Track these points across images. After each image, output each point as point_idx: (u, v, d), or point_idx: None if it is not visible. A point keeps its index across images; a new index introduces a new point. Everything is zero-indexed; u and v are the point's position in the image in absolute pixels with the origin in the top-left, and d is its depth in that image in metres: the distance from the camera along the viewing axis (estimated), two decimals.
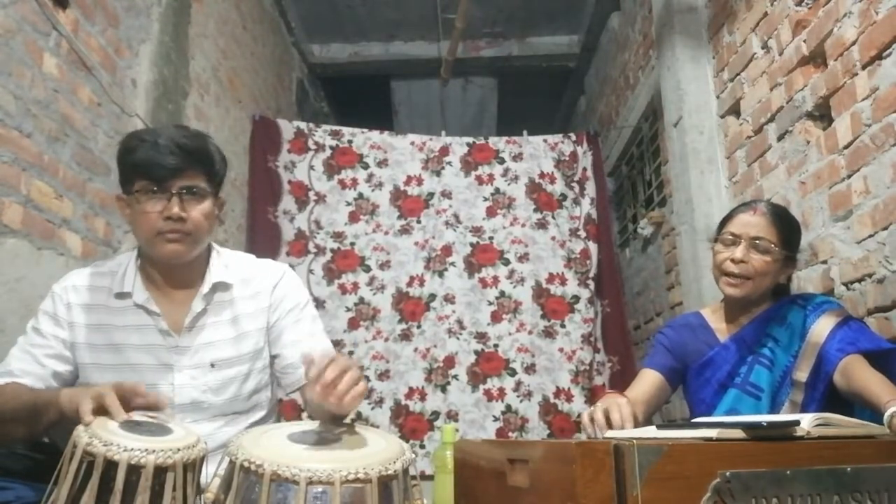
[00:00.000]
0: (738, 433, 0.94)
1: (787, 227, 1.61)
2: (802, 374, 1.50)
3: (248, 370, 1.41)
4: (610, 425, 1.35)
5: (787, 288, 1.73)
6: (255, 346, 1.42)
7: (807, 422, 0.99)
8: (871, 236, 1.81)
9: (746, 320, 1.63)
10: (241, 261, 1.50)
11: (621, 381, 3.49)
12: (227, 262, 1.46)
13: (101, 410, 1.05)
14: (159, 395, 1.14)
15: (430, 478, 1.55)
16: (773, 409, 1.53)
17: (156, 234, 1.31)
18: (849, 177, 1.90)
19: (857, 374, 1.37)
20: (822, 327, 1.50)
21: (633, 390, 1.63)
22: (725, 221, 1.66)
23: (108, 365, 1.35)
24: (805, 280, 2.16)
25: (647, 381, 1.65)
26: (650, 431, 1.05)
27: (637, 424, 1.45)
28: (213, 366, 1.38)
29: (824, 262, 2.05)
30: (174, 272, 1.39)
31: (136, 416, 1.06)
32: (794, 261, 1.64)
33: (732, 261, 1.57)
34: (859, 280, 1.87)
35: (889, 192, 1.72)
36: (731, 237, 1.60)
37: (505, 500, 1.03)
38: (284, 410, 3.15)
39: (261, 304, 1.44)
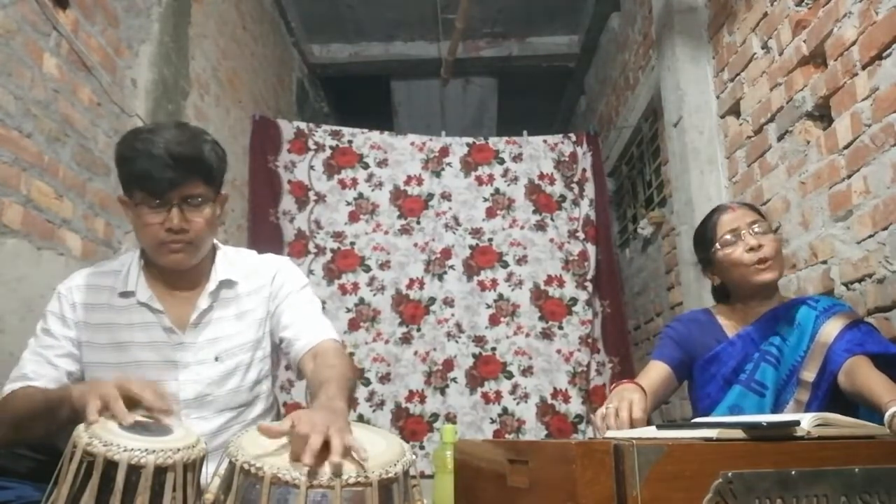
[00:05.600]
0: (739, 433, 0.94)
1: (757, 208, 1.71)
2: (809, 374, 1.50)
3: (250, 359, 1.42)
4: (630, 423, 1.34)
5: None
6: (255, 336, 1.44)
7: (807, 422, 0.99)
8: (871, 236, 1.81)
9: (754, 317, 1.63)
10: (245, 257, 1.52)
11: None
12: (233, 260, 1.48)
13: (106, 411, 1.05)
14: (167, 395, 1.13)
15: (431, 477, 1.55)
16: (777, 407, 1.53)
17: (158, 245, 1.32)
18: (849, 177, 1.90)
19: (861, 374, 1.37)
20: (831, 328, 1.50)
21: (641, 381, 1.63)
22: (714, 228, 1.66)
23: (112, 363, 1.35)
24: (805, 280, 2.16)
25: (655, 372, 1.65)
26: (650, 431, 1.05)
27: (647, 415, 1.45)
28: (216, 359, 1.39)
29: (824, 262, 2.05)
30: (179, 275, 1.40)
31: (138, 416, 1.06)
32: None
33: (752, 249, 1.57)
34: (859, 280, 1.87)
35: (889, 192, 1.72)
36: (731, 234, 1.61)
37: (505, 500, 1.03)
38: (288, 412, 3.16)
39: (262, 295, 1.46)
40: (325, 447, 0.96)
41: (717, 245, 1.64)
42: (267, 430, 0.98)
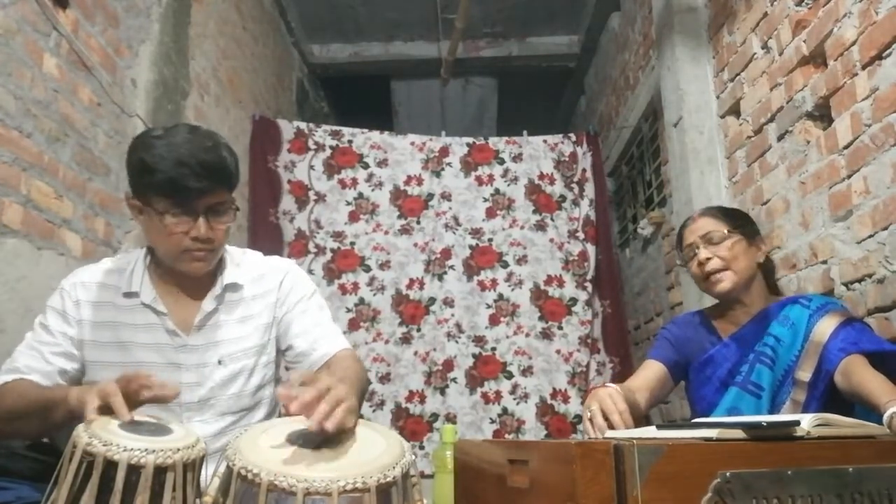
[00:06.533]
0: (739, 433, 0.94)
1: (726, 213, 1.71)
2: (805, 374, 1.50)
3: (254, 364, 1.42)
4: (611, 425, 1.35)
5: (775, 283, 1.75)
6: (260, 341, 1.43)
7: (807, 422, 0.99)
8: (871, 236, 1.81)
9: (746, 318, 1.63)
10: (251, 259, 1.50)
11: (622, 382, 3.49)
12: (239, 262, 1.47)
13: (107, 409, 1.05)
14: (168, 385, 1.11)
15: (431, 477, 1.55)
16: (774, 407, 1.53)
17: (181, 252, 1.31)
18: (849, 177, 1.90)
19: (858, 373, 1.37)
20: (825, 327, 1.50)
21: (637, 378, 1.65)
22: (679, 244, 1.74)
23: (114, 363, 1.35)
24: (805, 280, 2.16)
25: (651, 370, 1.67)
26: (650, 431, 1.05)
27: (638, 411, 1.46)
28: (220, 363, 1.38)
29: (824, 262, 2.05)
30: (188, 279, 1.39)
31: (138, 416, 1.06)
32: (757, 238, 1.69)
33: (700, 264, 1.63)
34: (859, 280, 1.87)
35: (889, 192, 1.72)
36: (688, 249, 1.69)
37: (505, 500, 1.03)
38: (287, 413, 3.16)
39: (268, 301, 1.45)
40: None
41: (679, 262, 1.75)
42: (287, 398, 0.99)
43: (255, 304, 1.44)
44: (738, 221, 1.68)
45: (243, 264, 1.47)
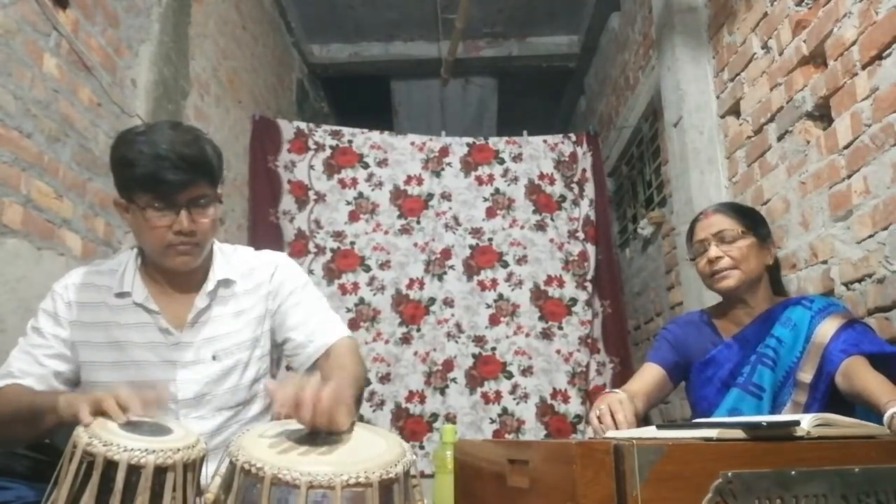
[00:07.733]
0: (739, 433, 0.94)
1: (741, 212, 1.69)
2: (806, 375, 1.50)
3: (248, 358, 1.42)
4: (616, 426, 1.36)
5: (780, 283, 1.75)
6: (253, 334, 1.43)
7: (806, 422, 0.99)
8: (871, 236, 1.81)
9: (748, 319, 1.63)
10: (242, 255, 1.51)
11: (622, 382, 3.49)
12: (230, 258, 1.47)
13: (100, 414, 1.05)
14: (159, 395, 1.13)
15: (431, 477, 1.55)
16: (775, 408, 1.53)
17: (166, 247, 1.31)
18: (849, 177, 1.90)
19: (858, 374, 1.37)
20: (826, 328, 1.50)
21: (635, 383, 1.64)
22: (690, 238, 1.73)
23: (109, 363, 1.35)
24: (805, 280, 2.16)
25: (649, 374, 1.66)
26: (650, 431, 1.05)
27: (637, 417, 1.46)
28: (214, 358, 1.38)
29: (824, 262, 2.05)
30: (177, 275, 1.39)
31: (133, 416, 1.06)
32: (768, 241, 1.68)
33: (710, 262, 1.63)
34: (859, 280, 1.87)
35: (889, 192, 1.72)
36: (699, 245, 1.67)
37: (505, 500, 1.03)
38: None
39: (260, 293, 1.45)
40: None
41: (689, 256, 1.72)
42: (273, 393, 1.02)
43: (246, 298, 1.44)
44: (753, 222, 1.66)
45: (234, 260, 1.47)
